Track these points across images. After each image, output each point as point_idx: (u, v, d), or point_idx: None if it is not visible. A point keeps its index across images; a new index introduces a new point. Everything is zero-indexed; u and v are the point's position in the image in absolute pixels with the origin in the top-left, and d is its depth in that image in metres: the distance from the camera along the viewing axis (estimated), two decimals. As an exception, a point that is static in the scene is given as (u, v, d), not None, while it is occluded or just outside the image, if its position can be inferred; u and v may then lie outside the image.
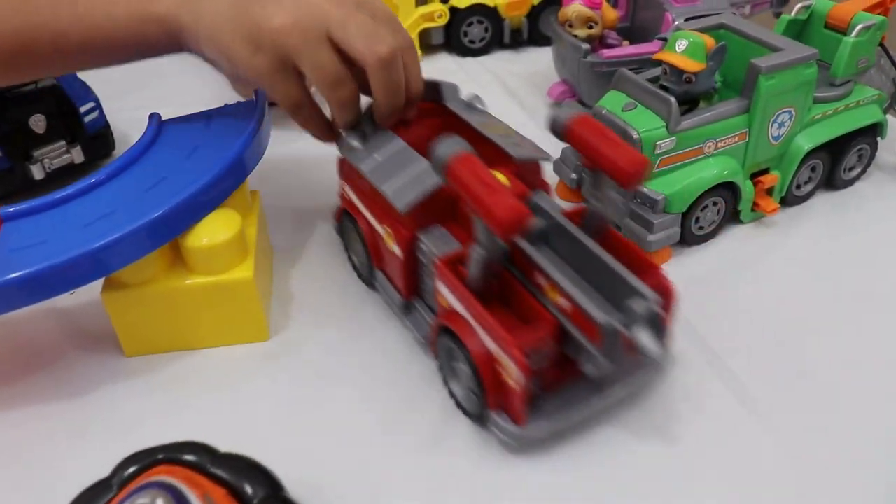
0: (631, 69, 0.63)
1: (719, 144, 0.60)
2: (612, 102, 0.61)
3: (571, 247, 0.48)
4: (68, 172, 0.74)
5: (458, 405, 0.50)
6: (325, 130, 0.57)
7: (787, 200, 0.66)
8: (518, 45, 0.97)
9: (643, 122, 0.58)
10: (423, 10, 0.92)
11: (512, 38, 0.96)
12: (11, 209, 0.53)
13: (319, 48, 0.51)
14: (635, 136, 0.58)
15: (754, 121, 0.60)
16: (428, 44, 0.95)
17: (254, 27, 0.51)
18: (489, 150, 0.52)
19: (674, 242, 0.61)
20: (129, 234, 0.47)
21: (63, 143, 0.73)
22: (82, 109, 0.74)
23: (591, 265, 0.46)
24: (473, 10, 0.93)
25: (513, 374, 0.43)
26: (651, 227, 0.59)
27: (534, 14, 0.95)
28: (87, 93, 0.76)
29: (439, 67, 0.93)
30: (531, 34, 0.97)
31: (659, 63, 0.61)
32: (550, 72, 0.86)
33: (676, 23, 0.74)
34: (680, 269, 0.60)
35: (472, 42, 0.95)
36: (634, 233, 0.60)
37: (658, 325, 0.43)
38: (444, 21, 0.92)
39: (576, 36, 0.78)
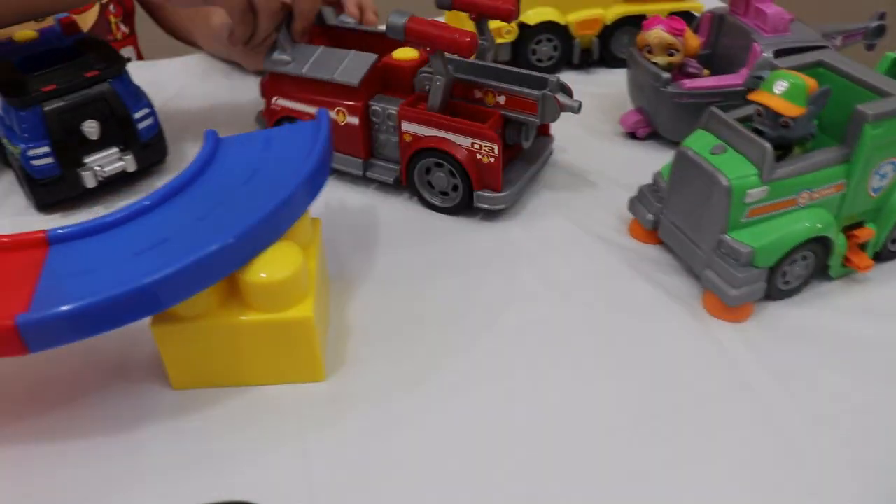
0: (714, 102, 0.59)
1: (814, 195, 0.56)
2: (700, 143, 0.57)
3: (481, 71, 0.68)
4: (121, 180, 0.72)
5: (435, 208, 0.68)
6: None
7: (882, 256, 0.61)
8: (588, 65, 0.93)
9: (734, 169, 0.54)
10: (491, 25, 0.88)
11: (581, 58, 0.92)
12: (60, 231, 0.50)
13: None
14: (724, 183, 0.53)
15: (855, 171, 0.55)
16: (495, 60, 0.91)
17: None
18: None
19: (757, 298, 0.57)
20: (185, 269, 0.44)
21: (116, 149, 0.71)
22: (136, 115, 0.71)
23: (498, 76, 0.67)
24: (543, 27, 0.89)
25: (489, 152, 0.63)
26: (735, 281, 0.55)
27: (605, 34, 0.91)
28: (140, 98, 0.73)
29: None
30: (602, 55, 0.92)
31: (744, 96, 0.57)
32: (622, 97, 0.82)
33: (765, 55, 0.70)
34: (761, 328, 0.56)
35: (539, 61, 0.91)
36: (715, 285, 0.56)
37: (566, 89, 0.66)
38: (512, 38, 0.88)
39: (654, 63, 0.74)
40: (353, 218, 0.68)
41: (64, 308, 0.42)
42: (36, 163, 0.67)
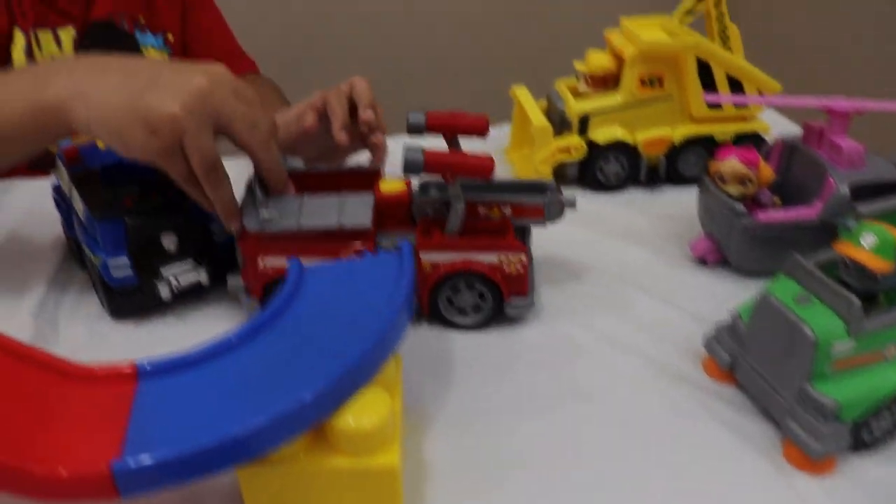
0: (788, 234, 0.59)
1: (902, 349, 0.55)
2: (784, 291, 0.57)
3: (479, 188, 0.69)
4: (194, 292, 0.73)
5: (459, 327, 0.68)
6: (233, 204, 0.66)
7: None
8: (654, 183, 0.94)
9: (820, 321, 0.54)
10: (560, 142, 0.89)
11: (648, 176, 0.92)
12: (148, 366, 0.50)
13: (204, 134, 0.61)
14: (810, 336, 0.53)
15: (943, 327, 0.55)
16: (562, 176, 0.92)
17: (149, 113, 0.59)
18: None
19: (842, 451, 0.55)
20: (280, 418, 0.44)
21: (191, 261, 0.72)
22: (213, 228, 0.73)
23: (492, 189, 0.69)
24: (611, 146, 0.90)
25: (517, 262, 0.66)
26: (819, 434, 0.54)
27: (672, 153, 0.92)
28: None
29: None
30: (668, 173, 0.93)
31: (819, 230, 0.56)
32: (691, 219, 0.82)
33: (841, 190, 0.70)
34: (844, 480, 0.55)
35: (607, 178, 0.92)
36: (798, 437, 0.55)
37: (559, 190, 0.70)
38: (580, 156, 0.90)
39: (727, 192, 0.74)
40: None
41: (158, 456, 0.42)
42: (115, 273, 0.69)
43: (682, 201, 0.87)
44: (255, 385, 0.48)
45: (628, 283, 0.76)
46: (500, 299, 0.67)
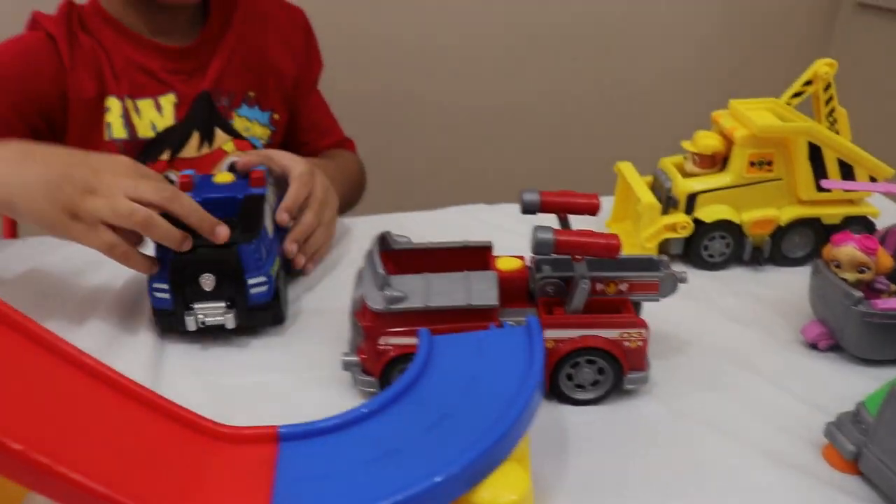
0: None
1: None
2: (917, 384, 0.56)
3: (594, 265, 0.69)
4: (220, 331, 0.77)
5: (577, 402, 0.69)
6: (143, 262, 0.76)
7: None
8: (757, 263, 0.93)
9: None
10: (667, 219, 0.90)
11: (752, 255, 0.92)
12: (289, 430, 0.52)
13: (122, 204, 0.72)
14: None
15: None
16: (666, 252, 0.92)
17: (70, 203, 0.72)
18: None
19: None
20: (425, 491, 0.45)
21: (223, 304, 0.76)
22: (250, 282, 0.76)
23: (604, 267, 0.69)
24: (718, 225, 0.90)
25: (638, 337, 0.67)
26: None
27: (778, 234, 0.91)
28: (262, 266, 0.77)
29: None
30: (772, 253, 0.93)
31: None
32: (797, 302, 0.81)
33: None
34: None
35: (711, 256, 0.92)
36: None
37: (670, 266, 0.71)
38: (686, 233, 0.90)
39: (843, 278, 0.74)
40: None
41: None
42: (156, 295, 0.76)
43: (787, 282, 0.87)
44: (398, 455, 0.49)
45: (739, 363, 0.76)
46: (619, 374, 0.67)
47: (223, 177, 0.84)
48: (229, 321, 0.76)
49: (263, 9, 1.22)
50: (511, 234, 0.78)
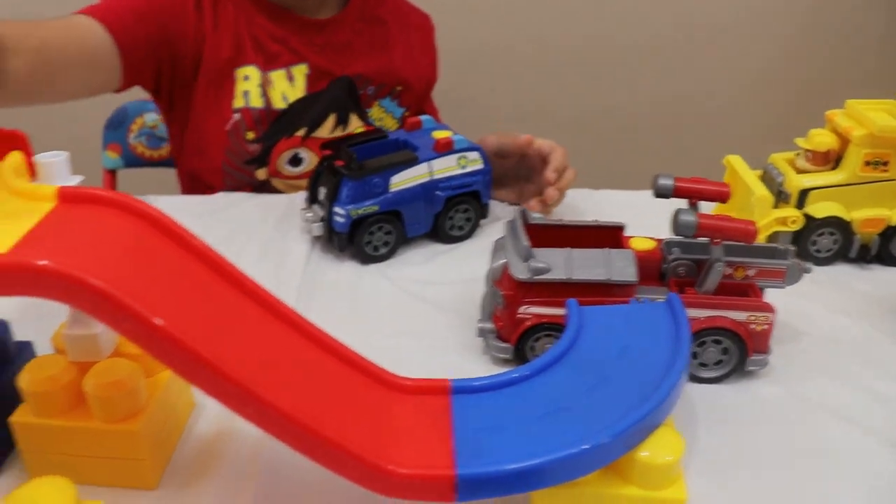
0: None
1: None
2: None
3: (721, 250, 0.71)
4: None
5: (701, 381, 0.72)
6: None
7: None
8: (864, 260, 0.95)
9: None
10: (779, 213, 0.92)
11: (859, 253, 0.94)
12: (459, 384, 0.56)
13: None
14: None
15: None
16: (774, 245, 0.94)
17: None
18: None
19: None
20: (595, 447, 0.49)
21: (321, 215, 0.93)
22: (335, 209, 0.90)
23: (732, 252, 0.71)
24: (827, 221, 0.92)
25: (764, 321, 0.70)
26: None
27: (887, 233, 0.93)
28: (347, 203, 0.90)
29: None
30: (880, 252, 0.95)
31: None
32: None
33: None
34: None
35: (818, 251, 0.94)
36: None
37: (797, 256, 0.73)
38: (797, 227, 0.92)
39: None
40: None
41: (494, 470, 0.48)
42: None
43: (892, 280, 0.89)
44: (568, 412, 0.52)
45: (854, 354, 0.78)
46: (743, 355, 0.70)
47: (439, 133, 0.96)
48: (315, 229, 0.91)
49: (407, 9, 1.31)
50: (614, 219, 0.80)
